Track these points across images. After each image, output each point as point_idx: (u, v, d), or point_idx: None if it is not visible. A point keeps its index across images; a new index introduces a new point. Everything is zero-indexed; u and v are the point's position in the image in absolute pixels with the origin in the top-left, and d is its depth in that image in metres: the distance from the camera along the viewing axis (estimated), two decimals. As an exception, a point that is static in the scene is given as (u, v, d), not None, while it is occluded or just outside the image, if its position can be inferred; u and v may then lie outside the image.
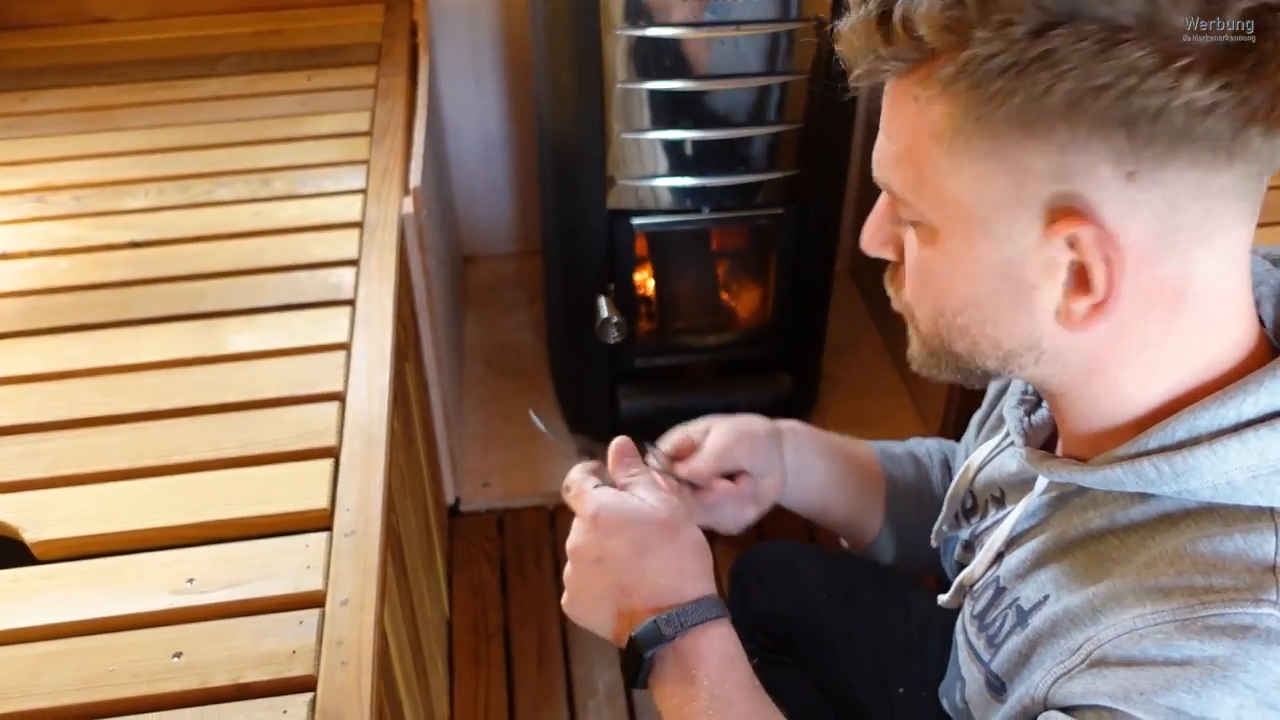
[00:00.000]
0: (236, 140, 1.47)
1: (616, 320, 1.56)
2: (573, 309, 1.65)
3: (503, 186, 2.15)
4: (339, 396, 1.06)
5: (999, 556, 0.68)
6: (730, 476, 0.84)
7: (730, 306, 1.75)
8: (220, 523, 0.93)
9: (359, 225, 1.31)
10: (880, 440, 0.93)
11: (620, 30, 1.35)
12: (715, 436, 0.83)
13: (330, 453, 1.00)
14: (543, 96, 1.55)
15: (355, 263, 1.25)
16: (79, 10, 1.73)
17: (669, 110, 1.42)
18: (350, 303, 1.18)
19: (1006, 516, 0.69)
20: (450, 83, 1.97)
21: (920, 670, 0.98)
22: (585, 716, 1.50)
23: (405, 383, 1.29)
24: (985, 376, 0.63)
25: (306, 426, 1.03)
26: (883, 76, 0.57)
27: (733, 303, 1.74)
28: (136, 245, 1.28)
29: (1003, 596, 0.66)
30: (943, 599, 0.75)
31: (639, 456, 0.76)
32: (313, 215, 1.33)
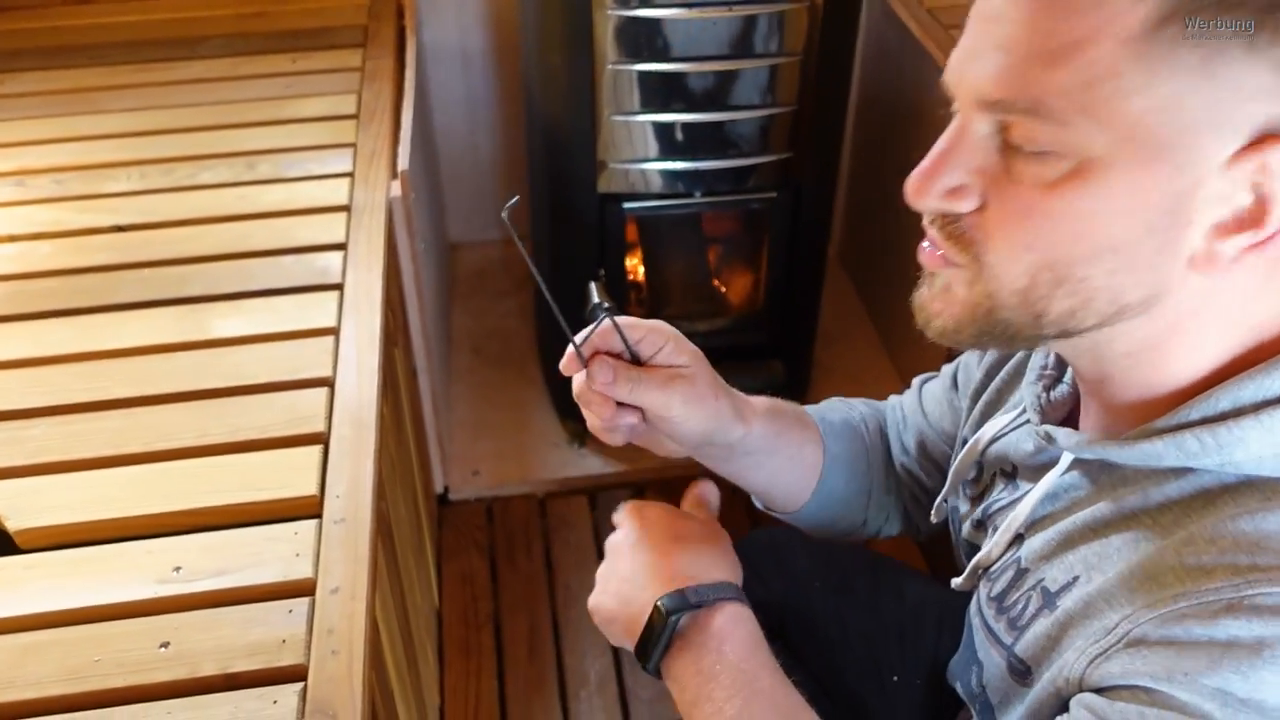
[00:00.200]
0: (220, 123, 1.45)
1: (607, 306, 1.54)
2: (562, 294, 1.63)
3: (490, 172, 2.13)
4: (328, 382, 1.05)
5: (1018, 538, 0.67)
6: None
7: (722, 292, 1.74)
8: (207, 510, 0.92)
9: (346, 209, 1.29)
10: (828, 401, 0.89)
11: (611, 10, 1.34)
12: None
13: (319, 439, 0.99)
14: (532, 79, 1.53)
15: (343, 247, 1.23)
16: (58, -9, 1.71)
17: (661, 92, 1.40)
18: (338, 287, 1.17)
19: (1024, 496, 0.67)
20: (437, 66, 1.95)
21: (914, 658, 0.97)
22: (577, 705, 1.49)
23: (394, 369, 1.28)
24: (1033, 344, 0.57)
25: (295, 412, 1.01)
26: None
27: (724, 288, 1.73)
28: (120, 229, 1.26)
29: (1025, 578, 0.65)
30: (956, 582, 0.73)
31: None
32: (299, 199, 1.31)
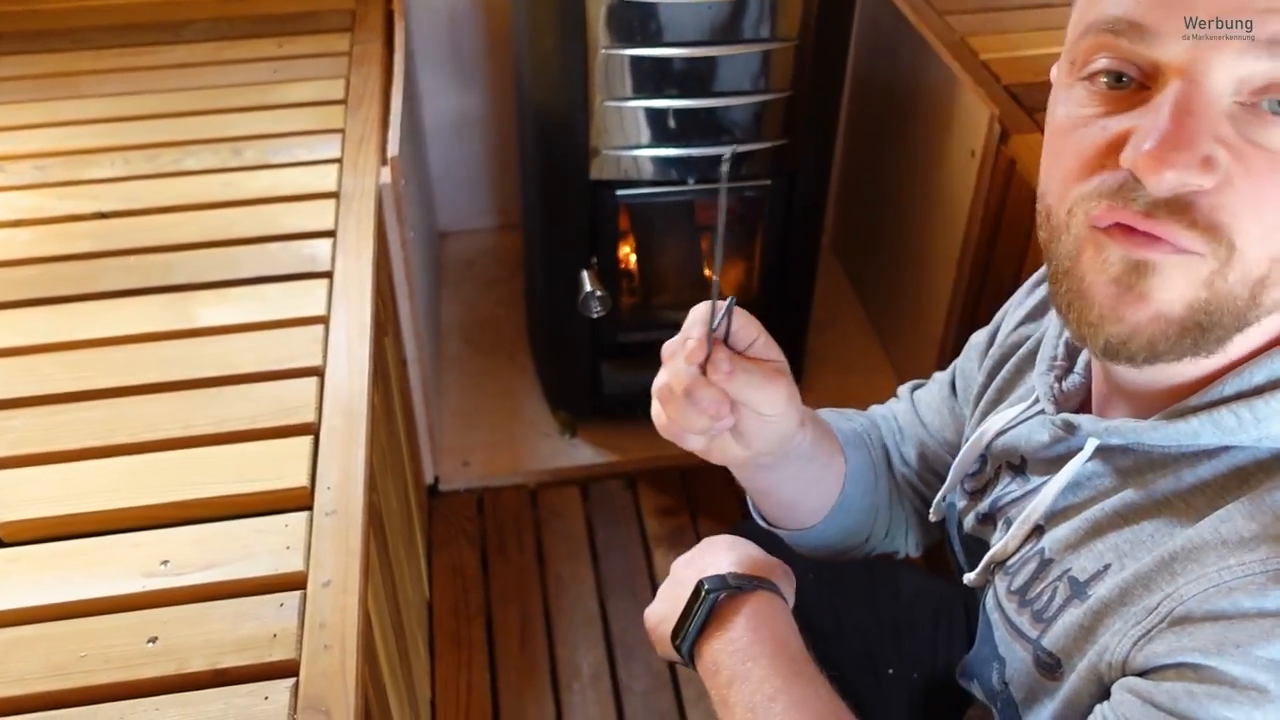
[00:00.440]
0: (205, 108, 1.43)
1: (600, 294, 1.53)
2: (554, 283, 1.62)
3: (480, 159, 2.11)
4: (318, 371, 1.03)
5: (1037, 529, 0.66)
6: None
7: (716, 280, 1.72)
8: (195, 502, 0.91)
9: (335, 196, 1.27)
10: (824, 411, 0.86)
11: (604, -7, 1.31)
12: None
13: (309, 429, 0.97)
14: (523, 63, 1.51)
15: (332, 234, 1.21)
16: (39, -26, 1.67)
17: (654, 77, 1.38)
18: (327, 275, 1.15)
19: (1040, 488, 0.66)
20: (426, 50, 1.93)
21: (910, 652, 0.96)
22: (570, 697, 1.48)
23: (385, 358, 1.26)
24: (1213, 346, 0.53)
25: (284, 402, 1.00)
26: None
27: (718, 276, 1.71)
28: (103, 216, 1.23)
29: (1049, 569, 0.63)
30: (969, 578, 0.72)
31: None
32: (286, 185, 1.29)
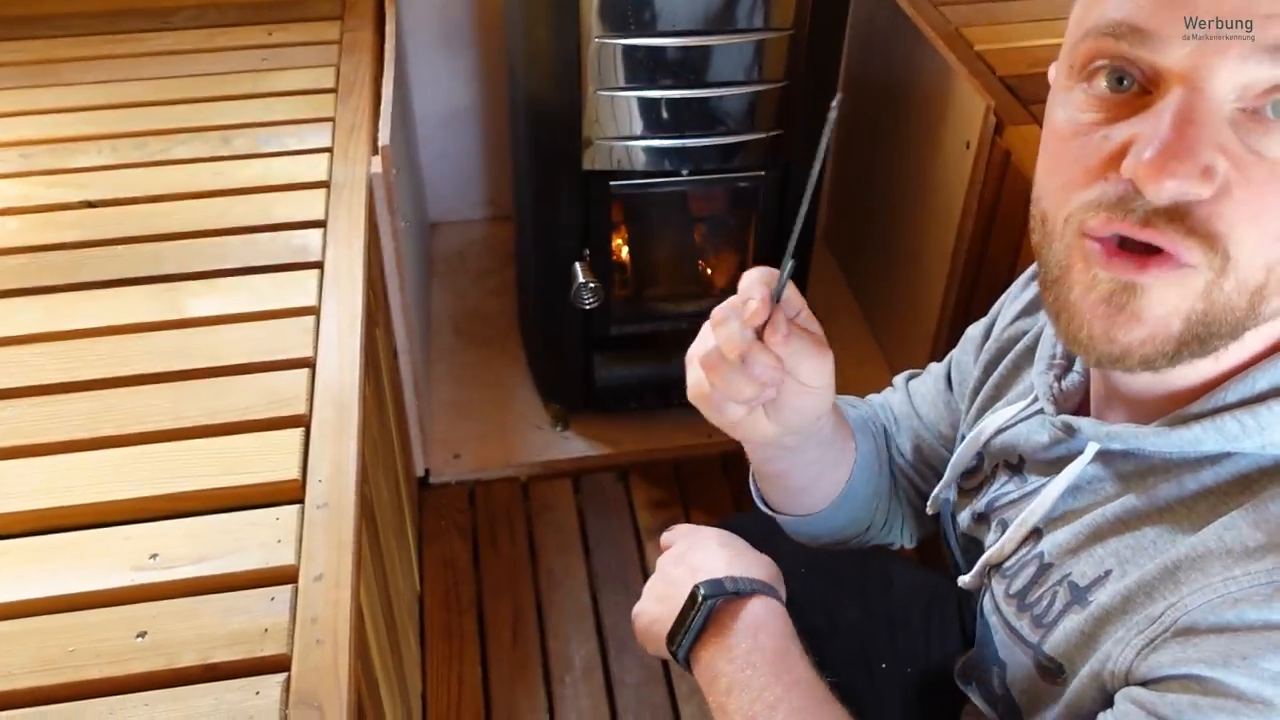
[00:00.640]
0: (194, 96, 1.41)
1: (593, 285, 1.52)
2: (546, 274, 1.61)
3: (471, 150, 2.10)
4: (308, 363, 1.02)
5: (1035, 532, 0.65)
6: None
7: (708, 273, 1.71)
8: (185, 495, 0.90)
9: (325, 185, 1.26)
10: (851, 406, 0.86)
11: (598, -18, 1.30)
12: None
13: (300, 421, 0.96)
14: (516, 52, 1.49)
15: (322, 224, 1.20)
16: (24, -40, 1.65)
17: (647, 67, 1.37)
18: (318, 265, 1.14)
19: (1039, 490, 0.65)
20: (417, 39, 1.91)
21: (903, 646, 0.96)
22: (561, 691, 1.47)
23: (376, 349, 1.25)
24: (1208, 352, 0.53)
25: (275, 394, 0.99)
26: None
27: (711, 269, 1.71)
28: (90, 205, 1.22)
29: (1049, 573, 0.63)
30: (964, 580, 0.71)
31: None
32: (276, 174, 1.28)
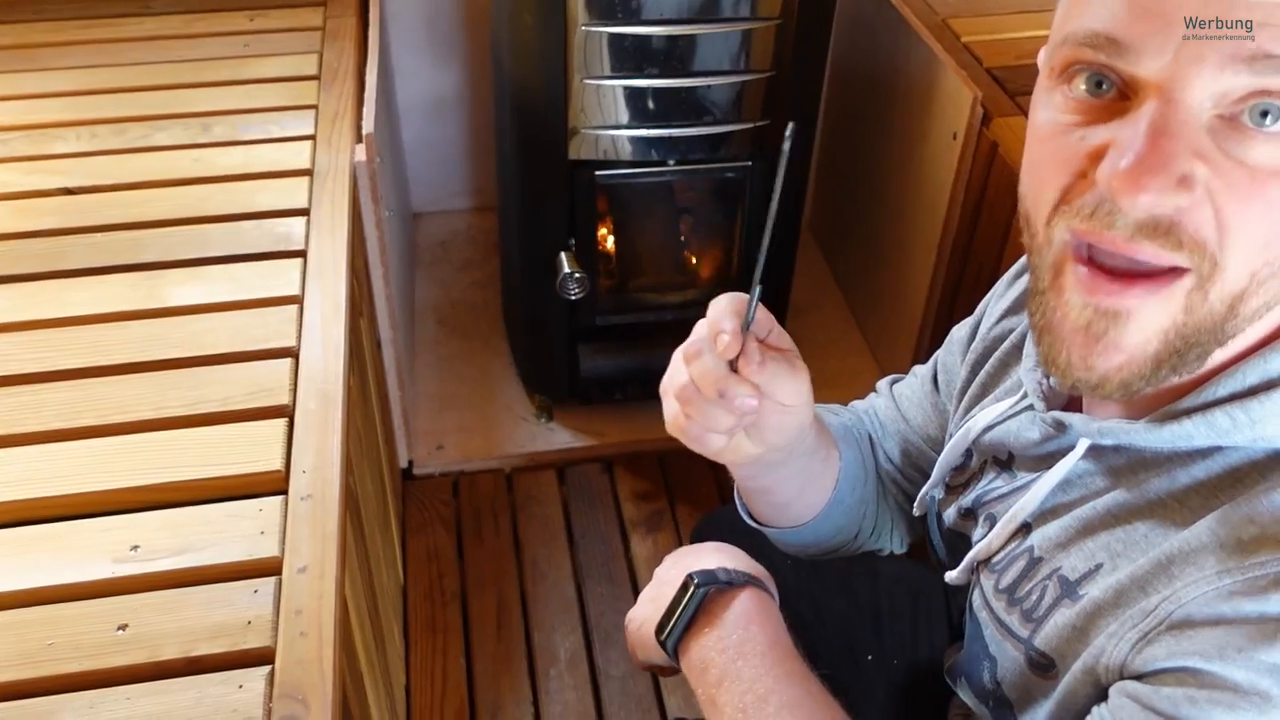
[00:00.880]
0: (174, 83, 1.40)
1: (578, 275, 1.51)
2: (531, 265, 1.60)
3: (455, 139, 2.08)
4: (292, 353, 1.01)
5: (1024, 527, 0.65)
6: None
7: (694, 263, 1.71)
8: (166, 486, 0.89)
9: (308, 173, 1.25)
10: (833, 414, 0.85)
11: (585, -31, 1.29)
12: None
13: (283, 412, 0.95)
14: (501, 40, 1.48)
15: (305, 212, 1.19)
16: (0, -57, 1.62)
17: (634, 55, 1.36)
18: (301, 254, 1.13)
19: (1028, 485, 0.65)
20: (401, 26, 1.89)
21: (890, 638, 0.96)
22: (546, 684, 1.47)
23: (360, 340, 1.24)
24: (1192, 364, 0.53)
25: (257, 384, 0.97)
26: None
27: (697, 259, 1.70)
28: (69, 192, 1.20)
29: (1039, 568, 0.62)
30: (951, 576, 0.71)
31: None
32: (258, 162, 1.26)
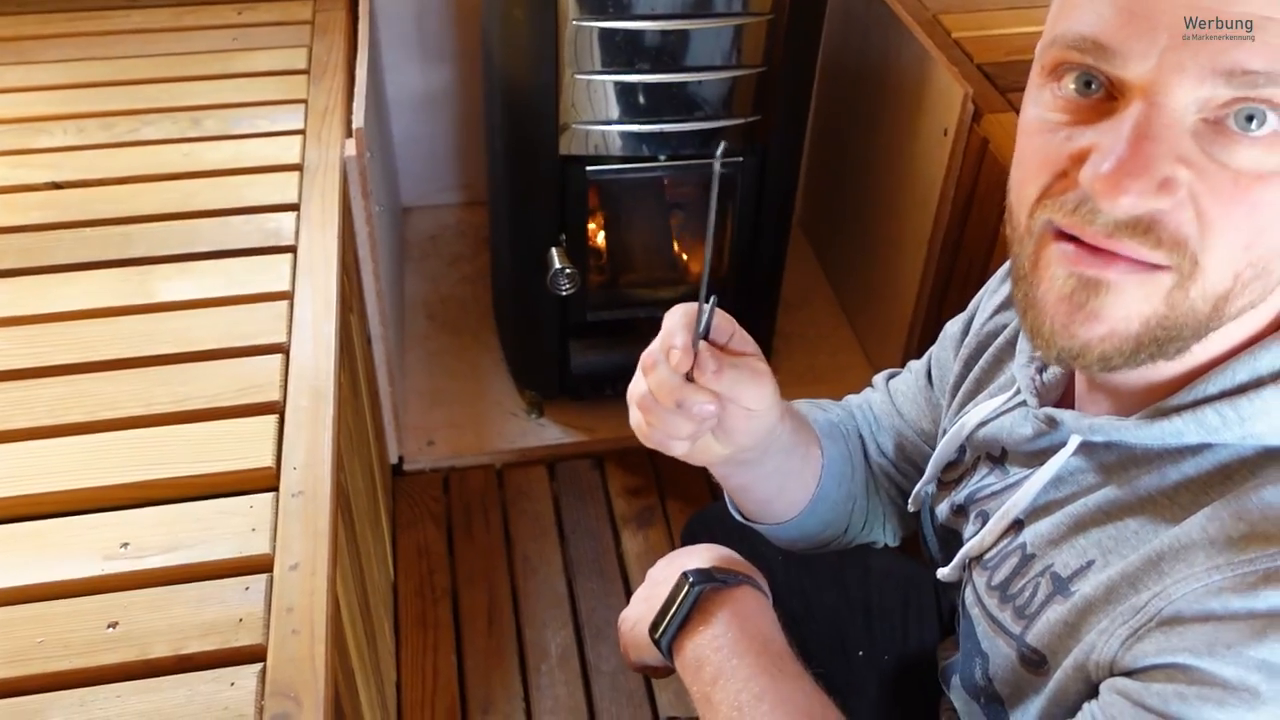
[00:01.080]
0: (162, 76, 1.39)
1: (569, 271, 1.50)
2: (522, 260, 1.59)
3: (444, 133, 2.07)
4: (282, 349, 1.01)
5: (1016, 524, 0.65)
6: None
7: (685, 259, 1.70)
8: (156, 483, 0.88)
9: (298, 168, 1.24)
10: (799, 403, 0.84)
11: (576, -36, 1.29)
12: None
13: (274, 408, 0.95)
14: (492, 34, 1.47)
15: (295, 207, 1.18)
16: (-15, -65, 1.61)
17: (625, 51, 1.36)
18: (291, 249, 1.12)
19: (1020, 482, 0.65)
20: (390, 20, 1.88)
21: (881, 633, 0.96)
22: (538, 679, 1.46)
23: (350, 335, 1.23)
24: (1175, 351, 0.53)
25: (248, 380, 0.97)
26: None
27: (688, 255, 1.70)
28: (57, 186, 1.19)
29: (1031, 564, 0.63)
30: (943, 573, 0.71)
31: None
32: (248, 157, 1.26)
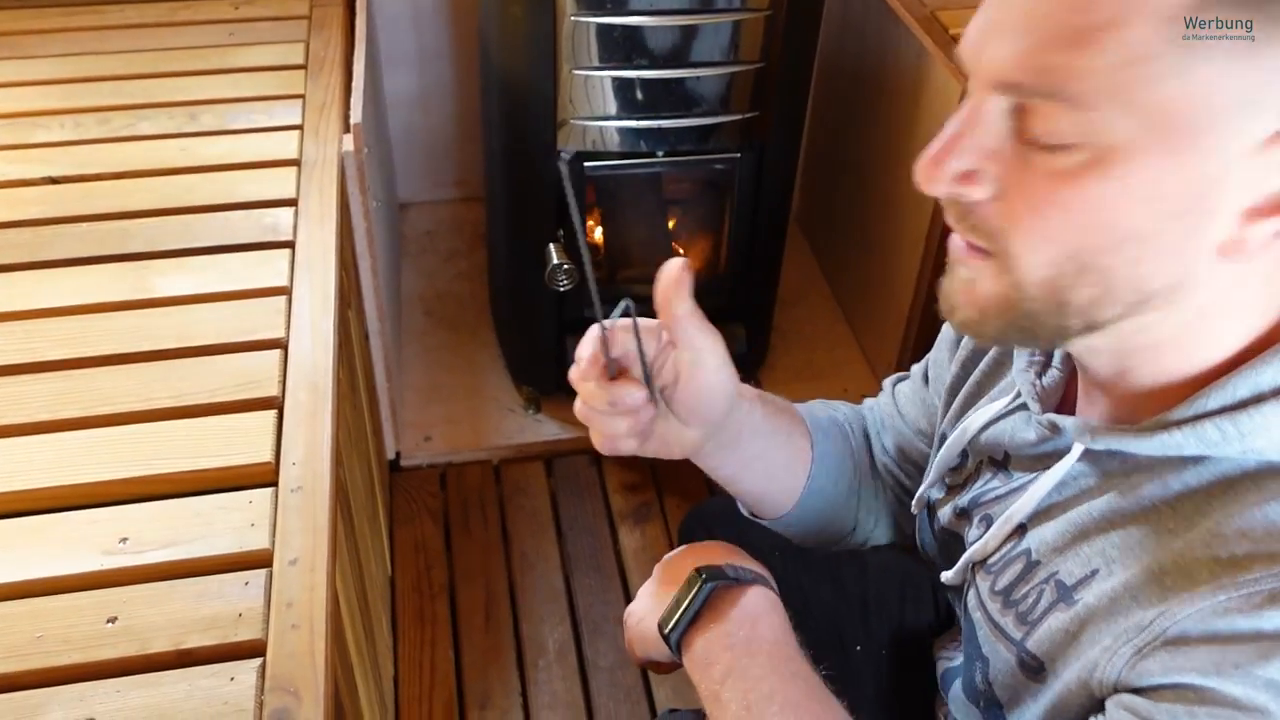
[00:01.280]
0: (159, 71, 1.38)
1: (567, 267, 1.50)
2: (519, 256, 1.59)
3: (441, 129, 2.07)
4: (280, 344, 1.00)
5: (1020, 529, 0.65)
6: None
7: (682, 254, 1.70)
8: (155, 478, 0.88)
9: (296, 163, 1.23)
10: (811, 403, 0.86)
11: (574, -41, 1.29)
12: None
13: (273, 403, 0.94)
14: (489, 30, 1.47)
15: (293, 203, 1.18)
16: (-21, -71, 1.60)
17: (623, 46, 1.36)
18: (289, 245, 1.12)
19: (1024, 486, 0.65)
20: (387, 15, 1.88)
21: (878, 628, 0.96)
22: (535, 675, 1.46)
23: (349, 331, 1.23)
24: (1058, 338, 0.55)
25: (246, 376, 0.97)
26: None
27: (685, 251, 1.70)
28: (53, 181, 1.19)
29: (1036, 571, 0.62)
30: (947, 576, 0.71)
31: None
32: (245, 152, 1.25)
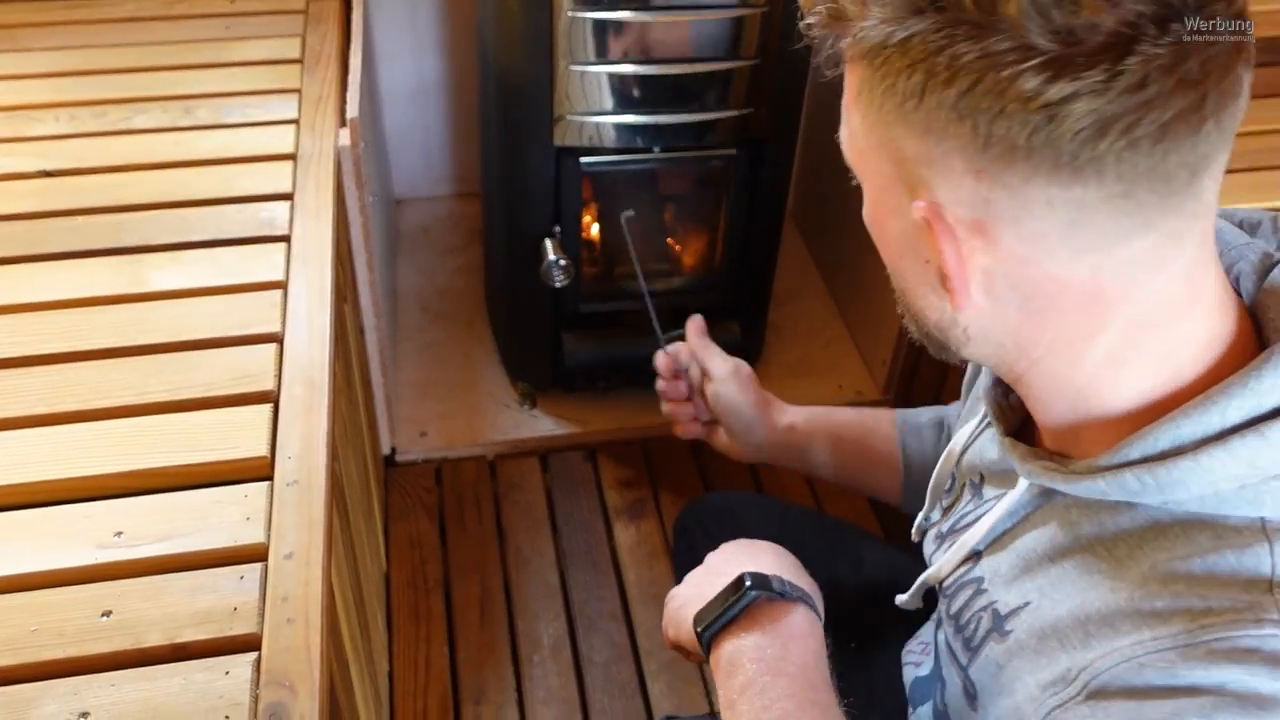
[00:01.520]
0: (155, 64, 1.38)
1: (563, 263, 1.50)
2: (515, 252, 1.59)
3: (437, 125, 2.07)
4: (276, 338, 1.00)
5: (974, 555, 0.65)
6: None
7: (678, 251, 1.70)
8: (149, 472, 0.87)
9: (292, 158, 1.23)
10: (934, 410, 0.94)
11: (571, -46, 1.28)
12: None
13: (268, 397, 0.94)
14: (486, 25, 1.47)
15: (289, 197, 1.17)
16: (-25, -79, 1.60)
17: (620, 42, 1.35)
18: (285, 239, 1.11)
19: (984, 514, 0.65)
20: (383, 10, 1.88)
21: (874, 626, 0.96)
22: (530, 670, 1.46)
23: (345, 325, 1.23)
24: (955, 358, 0.61)
25: (242, 369, 0.96)
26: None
27: (681, 247, 1.70)
28: (48, 174, 1.18)
29: (979, 598, 0.63)
30: (901, 599, 0.73)
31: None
32: (240, 146, 1.25)
